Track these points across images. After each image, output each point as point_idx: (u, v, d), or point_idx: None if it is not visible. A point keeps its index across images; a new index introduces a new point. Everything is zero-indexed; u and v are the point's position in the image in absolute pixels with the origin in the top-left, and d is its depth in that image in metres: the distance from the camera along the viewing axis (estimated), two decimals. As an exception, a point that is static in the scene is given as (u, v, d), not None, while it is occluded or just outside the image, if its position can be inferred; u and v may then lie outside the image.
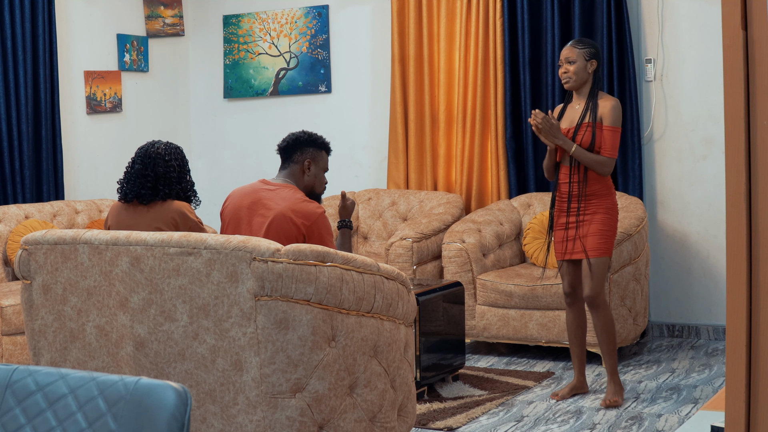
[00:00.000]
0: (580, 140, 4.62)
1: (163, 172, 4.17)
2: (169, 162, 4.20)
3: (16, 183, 6.25)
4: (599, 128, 4.63)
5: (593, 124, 4.62)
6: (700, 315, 6.20)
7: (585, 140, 4.62)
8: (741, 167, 1.81)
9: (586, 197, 4.66)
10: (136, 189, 4.16)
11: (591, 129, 4.62)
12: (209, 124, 7.71)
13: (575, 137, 4.63)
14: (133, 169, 4.21)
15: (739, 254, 1.82)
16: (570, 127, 4.69)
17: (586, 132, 4.62)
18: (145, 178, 4.16)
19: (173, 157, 4.22)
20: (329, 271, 3.14)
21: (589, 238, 4.64)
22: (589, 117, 4.64)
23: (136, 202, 4.20)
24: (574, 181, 4.67)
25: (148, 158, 4.19)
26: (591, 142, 4.61)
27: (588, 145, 4.61)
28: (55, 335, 3.50)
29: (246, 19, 7.49)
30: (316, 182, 4.11)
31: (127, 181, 4.21)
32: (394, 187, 6.95)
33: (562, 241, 4.73)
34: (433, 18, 6.77)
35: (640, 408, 4.67)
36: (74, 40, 6.79)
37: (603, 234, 4.65)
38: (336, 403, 3.18)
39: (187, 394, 1.60)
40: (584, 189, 4.67)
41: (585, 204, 4.66)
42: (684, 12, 6.13)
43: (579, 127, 4.65)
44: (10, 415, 1.69)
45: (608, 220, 4.68)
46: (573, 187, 4.68)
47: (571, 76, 4.67)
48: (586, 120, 4.64)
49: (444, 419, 4.52)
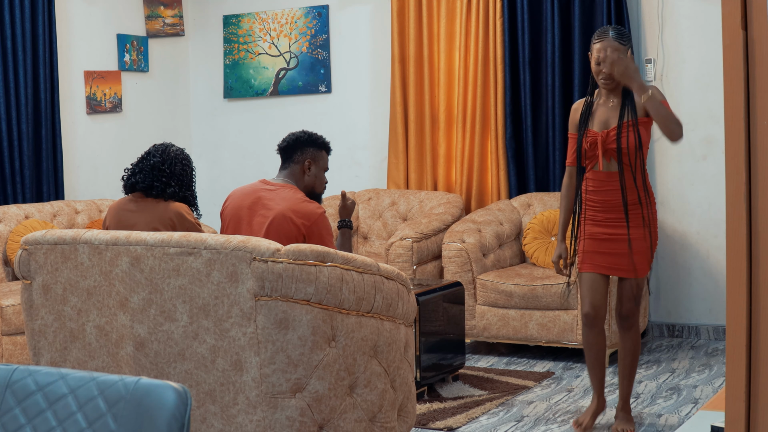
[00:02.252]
0: (625, 144, 4.03)
1: (179, 173, 4.26)
2: (187, 165, 4.31)
3: (16, 183, 6.25)
4: (644, 124, 4.08)
5: (635, 122, 4.04)
6: (700, 315, 6.20)
7: (631, 143, 4.03)
8: (741, 167, 1.81)
9: (640, 206, 4.11)
10: (149, 180, 4.19)
11: (635, 128, 4.04)
12: (209, 124, 7.71)
13: (619, 141, 4.03)
14: (148, 162, 4.23)
15: (739, 254, 1.82)
16: (605, 130, 4.10)
17: (629, 133, 4.03)
18: (161, 172, 4.22)
19: (187, 163, 4.33)
20: (329, 271, 3.14)
21: (639, 255, 4.13)
22: (629, 115, 4.06)
23: (140, 196, 4.20)
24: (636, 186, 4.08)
25: (168, 155, 4.27)
26: (637, 143, 4.04)
27: (634, 147, 4.04)
28: (55, 335, 3.50)
29: (246, 19, 7.49)
30: (317, 182, 4.11)
31: (141, 171, 4.23)
32: (394, 187, 6.95)
33: (603, 252, 4.17)
34: (433, 18, 6.78)
35: (640, 408, 4.66)
36: (74, 40, 6.80)
37: (651, 251, 4.19)
38: (336, 403, 3.18)
39: (187, 394, 1.60)
40: (645, 194, 4.12)
41: (637, 214, 4.13)
42: (684, 12, 6.13)
43: (621, 128, 4.05)
44: (10, 415, 1.69)
45: (654, 235, 4.19)
46: (629, 193, 4.08)
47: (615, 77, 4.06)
48: (626, 119, 4.06)
49: (444, 419, 4.52)
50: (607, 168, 4.11)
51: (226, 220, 4.07)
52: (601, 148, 4.08)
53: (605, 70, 4.04)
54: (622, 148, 4.04)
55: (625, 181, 4.07)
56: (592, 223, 4.18)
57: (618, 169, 4.07)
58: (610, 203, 4.13)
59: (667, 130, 3.95)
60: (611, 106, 4.12)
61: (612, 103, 4.12)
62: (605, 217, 4.14)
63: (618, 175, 4.08)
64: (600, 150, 4.08)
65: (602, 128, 4.12)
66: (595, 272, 4.19)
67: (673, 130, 3.95)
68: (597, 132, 4.12)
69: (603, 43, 4.05)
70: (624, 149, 4.04)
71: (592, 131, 4.13)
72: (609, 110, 4.13)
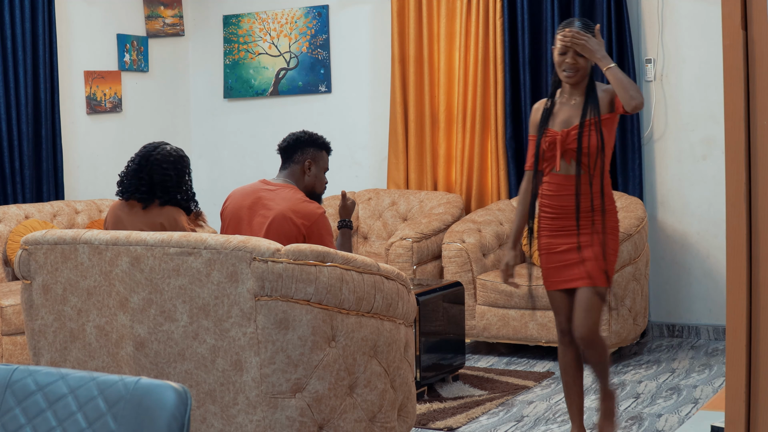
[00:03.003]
0: (586, 144, 3.74)
1: (160, 180, 4.13)
2: (167, 171, 4.13)
3: (16, 183, 6.25)
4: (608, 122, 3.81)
5: (598, 120, 3.76)
6: (700, 315, 6.20)
7: (592, 143, 3.74)
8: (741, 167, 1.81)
9: (593, 212, 3.81)
10: (132, 189, 4.15)
11: (597, 127, 3.75)
12: (209, 124, 7.72)
13: (580, 140, 3.75)
14: (132, 166, 4.20)
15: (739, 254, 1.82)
16: (566, 129, 3.80)
17: (591, 132, 3.75)
18: (140, 180, 4.14)
19: (172, 165, 4.16)
20: (329, 271, 3.14)
21: (592, 262, 3.81)
22: (592, 112, 3.78)
23: (134, 202, 4.19)
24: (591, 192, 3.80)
25: (146, 161, 4.16)
26: (599, 143, 3.75)
27: (595, 148, 3.75)
28: (55, 335, 3.50)
29: (246, 19, 7.49)
30: (317, 182, 4.10)
31: (126, 176, 4.20)
32: (394, 187, 6.95)
33: (558, 267, 3.89)
34: (433, 18, 6.78)
35: (640, 408, 4.66)
36: (74, 40, 6.79)
37: (608, 261, 3.83)
38: (336, 403, 3.18)
39: (187, 394, 1.60)
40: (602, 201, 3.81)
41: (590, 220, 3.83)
42: (684, 12, 6.13)
43: (582, 126, 3.77)
44: (10, 415, 1.68)
45: (615, 242, 3.87)
46: (583, 199, 3.80)
47: (579, 69, 3.80)
48: (589, 117, 3.78)
49: (444, 419, 4.52)
50: (566, 170, 3.81)
51: (226, 220, 4.07)
52: (560, 148, 3.79)
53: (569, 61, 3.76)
54: (582, 148, 3.76)
55: (580, 186, 3.77)
56: (547, 234, 3.89)
57: (576, 172, 3.78)
58: (565, 209, 3.83)
59: (627, 95, 3.65)
60: (573, 104, 3.84)
61: (575, 101, 3.84)
62: (560, 225, 3.85)
63: (575, 178, 3.78)
64: (558, 150, 3.80)
65: (563, 127, 3.82)
66: (557, 290, 3.93)
67: (633, 96, 3.65)
68: (557, 131, 3.82)
69: (565, 33, 3.77)
70: (585, 149, 3.75)
71: (552, 130, 3.84)
72: (571, 108, 3.85)
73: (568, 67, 3.78)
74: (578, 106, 3.83)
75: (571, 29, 3.75)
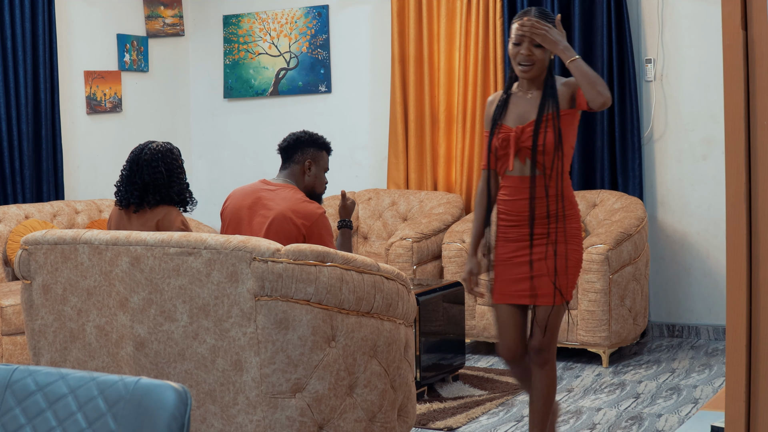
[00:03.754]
0: (542, 141, 3.41)
1: (150, 180, 4.09)
2: (156, 168, 4.10)
3: (16, 183, 6.25)
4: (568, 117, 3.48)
5: (557, 115, 3.43)
6: (700, 315, 6.20)
7: (549, 140, 3.41)
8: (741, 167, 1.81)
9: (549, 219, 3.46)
10: (127, 195, 4.14)
11: (555, 123, 3.42)
12: (209, 124, 7.72)
13: (536, 137, 3.41)
14: (124, 173, 4.19)
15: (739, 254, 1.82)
16: (521, 125, 3.47)
17: (549, 128, 3.42)
18: (133, 184, 4.12)
19: (161, 162, 4.12)
20: (329, 271, 3.14)
21: (545, 278, 3.48)
22: (551, 107, 3.44)
23: (132, 208, 4.18)
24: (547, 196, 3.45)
25: (136, 165, 4.13)
26: (557, 140, 3.42)
27: (552, 146, 3.42)
28: (55, 335, 3.50)
29: (246, 19, 7.49)
30: (317, 182, 4.10)
31: (121, 184, 4.20)
32: (394, 187, 6.95)
33: (513, 279, 3.53)
34: (433, 18, 6.78)
35: (640, 408, 4.67)
36: (74, 40, 6.80)
37: (570, 272, 3.50)
38: (336, 403, 3.18)
39: (187, 394, 1.60)
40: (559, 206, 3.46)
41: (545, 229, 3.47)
42: (684, 12, 6.13)
43: (540, 122, 3.43)
44: (10, 415, 1.69)
45: (578, 253, 3.52)
46: (538, 204, 3.45)
47: (536, 62, 3.46)
48: (547, 111, 3.45)
49: (444, 419, 4.52)
50: (521, 171, 3.47)
51: (226, 220, 4.07)
52: (513, 146, 3.44)
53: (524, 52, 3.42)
54: (537, 146, 3.41)
55: (535, 189, 3.44)
56: (503, 242, 3.56)
57: (530, 173, 3.44)
58: (522, 216, 3.49)
59: (594, 91, 3.32)
60: (530, 98, 3.50)
61: (531, 95, 3.50)
62: (517, 233, 3.51)
63: (529, 180, 3.45)
64: (512, 148, 3.45)
65: (518, 123, 3.48)
66: (507, 304, 3.56)
67: (600, 92, 3.32)
68: (511, 127, 3.48)
69: (522, 23, 3.43)
70: (540, 147, 3.41)
71: (506, 126, 3.49)
72: (527, 103, 3.50)
73: (524, 59, 3.44)
74: (535, 101, 3.49)
75: (530, 17, 3.42)
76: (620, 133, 6.16)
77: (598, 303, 5.40)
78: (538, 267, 3.46)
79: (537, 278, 3.47)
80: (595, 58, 6.20)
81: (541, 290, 3.48)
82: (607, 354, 5.50)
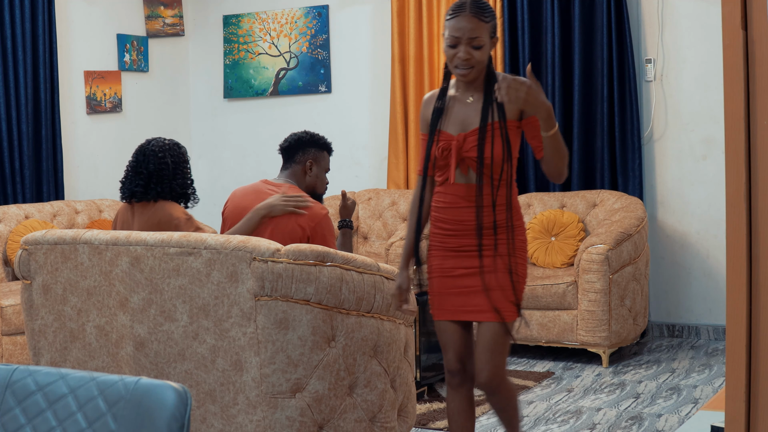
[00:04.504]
0: (489, 154, 3.09)
1: (155, 170, 4.06)
2: (163, 159, 4.08)
3: (16, 183, 6.25)
4: (515, 129, 3.14)
5: (503, 125, 3.10)
6: (700, 315, 6.20)
7: (497, 152, 3.09)
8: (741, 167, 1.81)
9: (496, 230, 3.16)
10: (131, 186, 4.13)
11: (502, 133, 3.10)
12: (209, 124, 7.72)
13: (482, 148, 3.09)
14: (130, 166, 4.18)
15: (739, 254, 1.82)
16: (463, 133, 3.14)
17: (495, 139, 3.10)
18: (138, 175, 4.11)
19: (168, 153, 4.11)
20: (329, 271, 3.14)
21: (497, 292, 3.14)
22: (495, 115, 3.10)
23: (134, 201, 4.18)
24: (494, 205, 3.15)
25: (142, 155, 4.13)
26: (506, 153, 3.11)
27: (501, 158, 3.10)
28: (55, 335, 3.50)
29: (246, 19, 7.49)
30: (318, 182, 4.10)
31: (125, 178, 4.19)
32: (394, 187, 6.95)
33: (453, 293, 3.23)
34: (433, 18, 6.78)
35: (640, 408, 4.66)
36: (74, 40, 6.80)
37: (518, 286, 3.17)
38: (336, 403, 3.18)
39: (187, 394, 1.60)
40: (509, 215, 3.17)
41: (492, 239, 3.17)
42: (684, 12, 6.13)
43: (485, 131, 3.09)
44: (10, 415, 1.69)
45: (524, 267, 3.22)
46: (484, 213, 3.14)
47: (474, 65, 3.09)
48: (491, 120, 3.11)
49: (444, 419, 4.52)
50: (467, 180, 3.16)
51: (227, 220, 4.07)
52: (455, 157, 3.13)
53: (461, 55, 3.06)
54: (484, 159, 3.10)
55: (482, 198, 3.13)
56: (442, 254, 3.27)
57: (477, 182, 3.13)
58: (464, 225, 3.18)
59: (556, 170, 3.12)
60: (470, 103, 3.16)
61: (471, 99, 3.17)
62: (458, 244, 3.21)
63: (476, 189, 3.14)
64: (454, 159, 3.13)
65: (460, 130, 3.15)
66: (450, 320, 3.25)
67: (562, 171, 3.12)
68: (452, 135, 3.15)
69: (459, 19, 3.06)
70: (487, 160, 3.10)
71: (446, 134, 3.16)
72: (468, 108, 3.17)
73: (461, 63, 3.09)
74: (476, 106, 3.15)
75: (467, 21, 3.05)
76: (620, 133, 6.16)
77: (598, 303, 5.40)
78: (488, 280, 3.14)
79: (483, 292, 3.15)
80: (595, 58, 6.20)
81: (487, 305, 3.14)
82: (607, 354, 5.50)
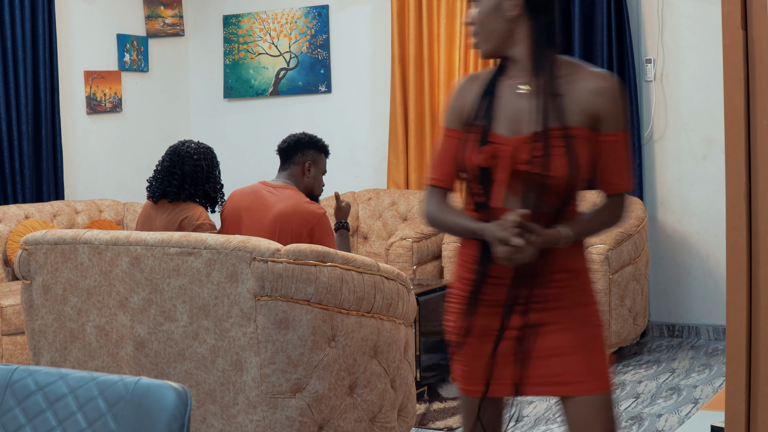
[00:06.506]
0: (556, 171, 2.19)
1: (191, 171, 4.14)
2: (198, 162, 4.16)
3: (16, 183, 6.25)
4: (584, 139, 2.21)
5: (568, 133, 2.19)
6: (700, 315, 6.20)
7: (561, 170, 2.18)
8: (741, 167, 1.81)
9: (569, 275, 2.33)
10: (163, 186, 4.15)
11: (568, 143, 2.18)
12: (209, 124, 7.72)
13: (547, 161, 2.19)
14: (162, 166, 4.21)
15: (739, 254, 1.82)
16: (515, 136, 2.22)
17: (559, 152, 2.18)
18: (172, 175, 4.15)
19: (202, 156, 4.20)
20: (329, 271, 3.14)
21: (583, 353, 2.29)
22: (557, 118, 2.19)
23: (164, 201, 4.19)
24: None
25: (177, 156, 4.18)
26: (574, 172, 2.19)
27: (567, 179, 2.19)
28: (55, 335, 3.50)
29: (246, 19, 7.49)
30: (315, 184, 4.12)
31: (155, 179, 4.20)
32: (394, 187, 6.95)
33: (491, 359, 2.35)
34: (433, 18, 6.78)
35: (640, 408, 4.67)
36: (74, 40, 6.79)
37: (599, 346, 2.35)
38: (336, 403, 3.18)
39: (187, 394, 1.60)
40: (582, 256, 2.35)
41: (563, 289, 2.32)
42: (684, 12, 6.13)
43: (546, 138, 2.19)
44: (10, 415, 1.69)
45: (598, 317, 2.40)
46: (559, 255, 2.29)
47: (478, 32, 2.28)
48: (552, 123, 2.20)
49: (444, 419, 4.52)
50: (515, 204, 2.24)
51: (227, 220, 4.07)
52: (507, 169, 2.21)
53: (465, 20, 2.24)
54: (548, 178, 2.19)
55: None
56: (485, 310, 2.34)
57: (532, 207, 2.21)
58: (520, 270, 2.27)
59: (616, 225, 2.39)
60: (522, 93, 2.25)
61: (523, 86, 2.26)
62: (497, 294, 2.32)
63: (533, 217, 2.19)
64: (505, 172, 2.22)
65: (512, 132, 2.23)
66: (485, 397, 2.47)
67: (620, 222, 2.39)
68: (504, 137, 2.23)
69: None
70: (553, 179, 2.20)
71: (495, 134, 2.24)
72: (519, 100, 2.24)
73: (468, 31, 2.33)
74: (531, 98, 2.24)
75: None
76: (620, 133, 6.16)
77: (598, 303, 5.40)
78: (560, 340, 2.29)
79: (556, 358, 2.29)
80: (595, 58, 6.20)
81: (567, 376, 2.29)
82: (607, 354, 5.50)
